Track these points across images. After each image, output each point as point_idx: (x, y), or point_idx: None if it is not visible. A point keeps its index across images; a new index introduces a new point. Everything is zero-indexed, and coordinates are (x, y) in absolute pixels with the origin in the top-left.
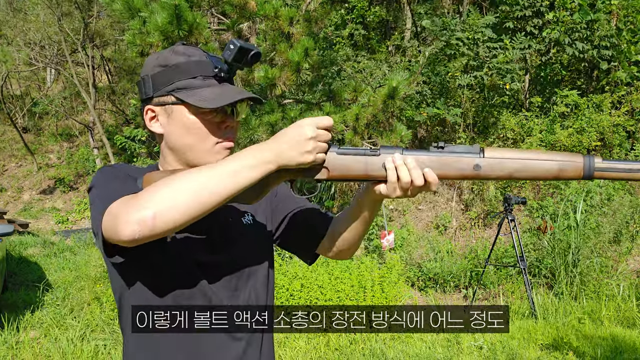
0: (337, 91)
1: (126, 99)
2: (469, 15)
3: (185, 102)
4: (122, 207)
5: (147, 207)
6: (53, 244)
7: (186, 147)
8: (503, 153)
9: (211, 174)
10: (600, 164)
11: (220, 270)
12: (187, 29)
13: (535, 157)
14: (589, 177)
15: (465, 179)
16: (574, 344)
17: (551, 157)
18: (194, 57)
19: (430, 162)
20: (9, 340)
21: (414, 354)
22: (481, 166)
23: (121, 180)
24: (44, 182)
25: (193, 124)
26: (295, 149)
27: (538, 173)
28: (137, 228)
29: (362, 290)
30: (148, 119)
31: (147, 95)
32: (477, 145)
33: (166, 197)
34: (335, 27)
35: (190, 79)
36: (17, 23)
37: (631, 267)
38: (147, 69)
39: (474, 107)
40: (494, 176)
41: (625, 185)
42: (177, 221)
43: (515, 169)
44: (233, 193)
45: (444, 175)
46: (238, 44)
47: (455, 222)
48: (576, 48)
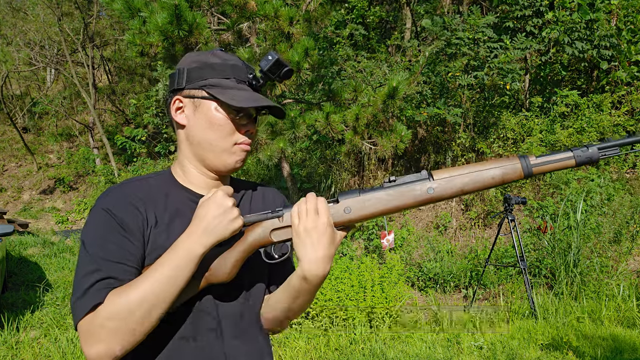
0: (337, 91)
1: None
2: (470, 15)
3: (217, 97)
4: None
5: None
6: (53, 244)
7: (206, 143)
8: (450, 172)
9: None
10: (535, 160)
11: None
12: (187, 29)
13: (478, 168)
14: (529, 175)
15: (423, 204)
16: (574, 343)
17: (493, 165)
18: (230, 61)
19: (388, 196)
20: (9, 340)
21: (414, 354)
22: (433, 188)
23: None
24: (44, 182)
25: (218, 120)
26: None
27: (486, 182)
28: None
29: (362, 290)
30: (174, 109)
31: (179, 86)
32: (424, 171)
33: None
34: (335, 27)
35: (224, 79)
36: (17, 23)
37: (631, 267)
38: (184, 63)
39: (474, 107)
40: (447, 195)
41: (626, 185)
42: (135, 342)
43: (464, 183)
44: (179, 292)
45: (404, 205)
46: (276, 56)
47: (455, 222)
48: (576, 48)
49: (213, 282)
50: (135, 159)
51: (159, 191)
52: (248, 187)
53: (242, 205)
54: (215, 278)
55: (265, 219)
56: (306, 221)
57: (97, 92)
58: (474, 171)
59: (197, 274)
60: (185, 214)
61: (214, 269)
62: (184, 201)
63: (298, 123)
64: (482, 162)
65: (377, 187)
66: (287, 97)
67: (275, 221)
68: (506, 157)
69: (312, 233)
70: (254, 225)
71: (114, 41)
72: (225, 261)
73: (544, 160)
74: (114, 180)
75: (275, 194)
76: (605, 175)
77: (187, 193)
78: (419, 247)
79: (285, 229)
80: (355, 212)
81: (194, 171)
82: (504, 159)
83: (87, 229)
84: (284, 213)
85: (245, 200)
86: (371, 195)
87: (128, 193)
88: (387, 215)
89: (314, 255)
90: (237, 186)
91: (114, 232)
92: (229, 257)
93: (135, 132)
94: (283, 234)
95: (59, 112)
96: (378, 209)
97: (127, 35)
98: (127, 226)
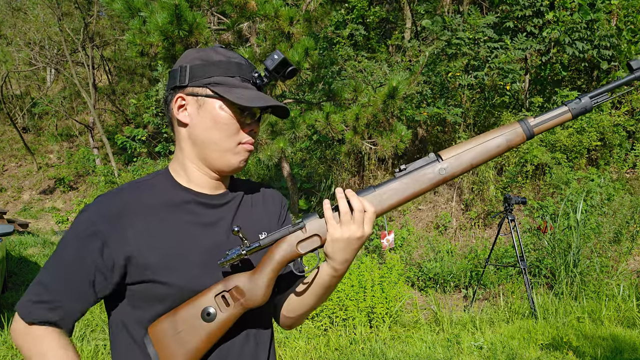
0: (337, 91)
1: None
2: (470, 15)
3: (222, 96)
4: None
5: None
6: (53, 244)
7: (210, 142)
8: (456, 149)
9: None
10: (534, 121)
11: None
12: (187, 29)
13: (482, 140)
14: (531, 136)
15: (438, 185)
16: (574, 343)
17: (495, 134)
18: (234, 59)
19: (403, 185)
20: (9, 340)
21: (414, 354)
22: (444, 168)
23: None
24: (44, 182)
25: (222, 119)
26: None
27: (492, 151)
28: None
29: (362, 290)
30: (177, 106)
31: (181, 83)
32: (431, 153)
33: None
34: (335, 27)
35: (229, 77)
36: (17, 23)
37: (631, 267)
38: (186, 60)
39: (474, 107)
40: (459, 172)
41: (626, 185)
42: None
43: (472, 157)
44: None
45: (420, 190)
46: (282, 56)
47: (455, 222)
48: (576, 48)
49: (250, 306)
50: (135, 159)
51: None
52: (248, 187)
53: (243, 206)
54: (252, 302)
55: (288, 234)
56: (351, 230)
57: (97, 92)
58: (479, 144)
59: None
60: (186, 215)
61: (248, 294)
62: (185, 202)
63: (298, 123)
64: (485, 133)
65: (390, 179)
66: (287, 97)
67: (299, 233)
68: (507, 125)
69: (354, 243)
70: (278, 242)
71: (114, 41)
72: (256, 283)
73: (541, 119)
74: (114, 180)
75: (274, 194)
76: (605, 175)
77: (188, 194)
78: (419, 247)
79: (310, 238)
80: (375, 208)
81: (195, 171)
82: (504, 126)
83: (63, 240)
84: (305, 224)
85: (245, 201)
86: (386, 188)
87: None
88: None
89: (350, 257)
90: (238, 186)
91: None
92: (260, 279)
93: (136, 131)
94: (309, 245)
95: (59, 112)
96: (396, 200)
97: (127, 35)
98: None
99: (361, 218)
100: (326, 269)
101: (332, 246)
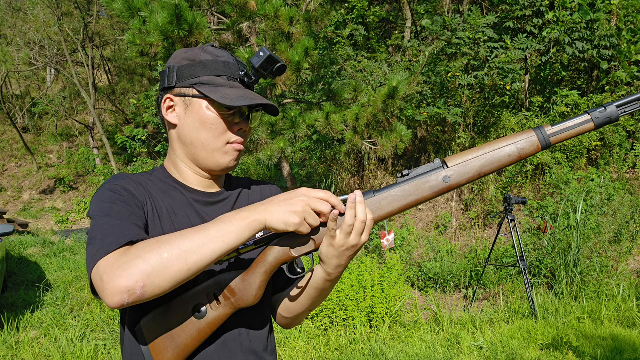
0: (337, 91)
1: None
2: (470, 15)
3: (208, 96)
4: (110, 271)
5: (135, 275)
6: (53, 244)
7: (198, 142)
8: (464, 156)
9: (200, 239)
10: (552, 129)
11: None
12: (187, 29)
13: (493, 147)
14: (547, 147)
15: (441, 194)
16: (574, 343)
17: (507, 142)
18: (222, 58)
19: (404, 192)
20: (9, 340)
21: (414, 354)
22: (449, 176)
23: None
24: (44, 182)
25: (209, 119)
26: (283, 206)
27: (503, 161)
28: (126, 297)
29: (362, 290)
30: (165, 107)
31: (169, 84)
32: (437, 159)
33: (155, 264)
34: (335, 27)
35: (215, 77)
36: (17, 23)
37: (631, 267)
38: (175, 60)
39: (474, 107)
40: (464, 181)
41: (626, 185)
42: (165, 288)
43: (481, 166)
44: (223, 254)
45: (422, 198)
46: (268, 53)
47: (455, 222)
48: (576, 48)
49: (241, 306)
50: (135, 159)
51: (155, 185)
52: (245, 184)
53: (240, 203)
54: (243, 302)
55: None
56: (349, 240)
57: (97, 92)
58: (489, 152)
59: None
60: (183, 209)
61: (239, 294)
62: (182, 197)
63: (298, 123)
64: (496, 140)
65: (392, 185)
66: (287, 97)
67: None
68: (520, 132)
69: (350, 250)
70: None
71: (114, 41)
72: (249, 284)
73: (560, 128)
74: None
75: (272, 188)
76: (605, 175)
77: (184, 189)
78: (419, 247)
79: (306, 243)
80: (373, 215)
81: (187, 171)
82: (518, 133)
83: (94, 211)
84: None
85: (242, 199)
86: (387, 193)
87: (127, 180)
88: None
89: (344, 263)
90: (234, 184)
91: (122, 202)
92: (253, 280)
93: (136, 131)
94: (304, 248)
95: (59, 112)
96: (396, 207)
97: (127, 35)
98: (135, 197)
99: (362, 228)
100: (320, 273)
101: (327, 252)
